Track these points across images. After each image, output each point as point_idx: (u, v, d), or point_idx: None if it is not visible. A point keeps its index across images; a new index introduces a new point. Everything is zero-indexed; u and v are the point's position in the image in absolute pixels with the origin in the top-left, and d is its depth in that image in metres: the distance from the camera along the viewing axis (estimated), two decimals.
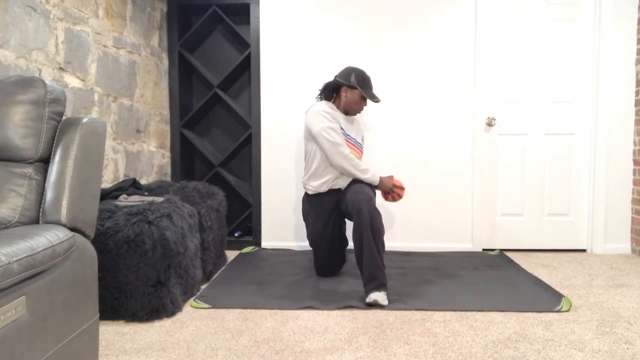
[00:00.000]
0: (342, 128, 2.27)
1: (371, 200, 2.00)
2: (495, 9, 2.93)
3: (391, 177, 2.28)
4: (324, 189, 2.28)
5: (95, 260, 1.23)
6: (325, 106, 2.26)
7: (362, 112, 2.95)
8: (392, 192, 2.26)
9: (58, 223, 1.15)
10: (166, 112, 3.10)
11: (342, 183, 2.29)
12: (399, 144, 2.98)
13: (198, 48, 3.29)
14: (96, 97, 2.25)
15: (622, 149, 2.89)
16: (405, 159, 2.99)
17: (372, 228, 1.94)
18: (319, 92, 2.40)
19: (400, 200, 2.99)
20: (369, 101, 2.92)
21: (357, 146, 2.34)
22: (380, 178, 2.25)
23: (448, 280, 2.27)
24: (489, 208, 3.01)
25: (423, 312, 1.86)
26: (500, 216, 3.01)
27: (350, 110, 2.34)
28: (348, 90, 2.29)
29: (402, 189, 2.28)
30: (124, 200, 1.99)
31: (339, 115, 2.29)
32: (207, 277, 2.26)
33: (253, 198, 3.08)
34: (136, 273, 1.71)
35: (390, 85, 2.97)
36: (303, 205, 2.40)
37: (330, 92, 2.36)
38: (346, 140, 2.27)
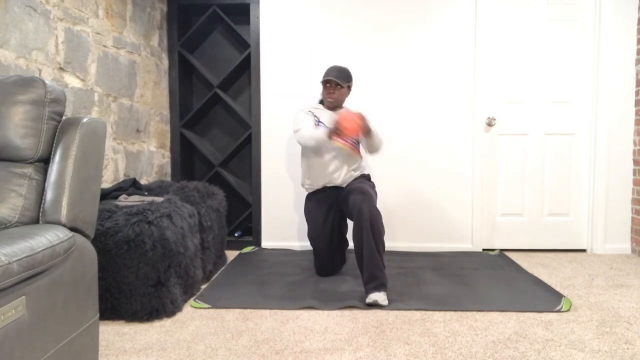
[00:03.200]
0: (321, 122, 2.30)
1: (372, 201, 2.00)
2: (495, 9, 2.93)
3: (334, 121, 2.03)
4: (318, 185, 2.34)
5: (95, 260, 1.23)
6: (304, 105, 2.42)
7: (360, 110, 2.95)
8: (337, 126, 1.99)
9: (58, 223, 1.15)
10: (166, 112, 3.10)
11: (335, 181, 2.30)
12: (399, 143, 2.98)
13: (198, 48, 3.29)
14: (96, 97, 2.25)
15: (622, 149, 2.89)
16: (405, 158, 2.99)
17: (372, 228, 1.95)
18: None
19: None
20: (367, 98, 2.98)
21: (346, 141, 2.32)
22: (328, 130, 2.07)
23: (448, 280, 2.27)
24: (489, 208, 3.01)
25: (423, 312, 1.86)
26: (500, 216, 3.01)
27: (325, 102, 2.39)
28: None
29: (348, 117, 1.97)
30: (124, 200, 1.99)
31: (323, 112, 2.36)
32: (207, 277, 2.26)
33: (253, 198, 3.08)
34: (136, 273, 1.71)
35: (391, 85, 2.97)
36: (305, 204, 2.45)
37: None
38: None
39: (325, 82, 2.32)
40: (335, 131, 2.02)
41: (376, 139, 2.24)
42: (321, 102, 2.46)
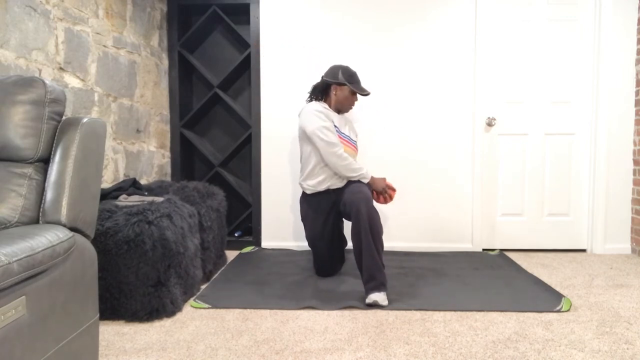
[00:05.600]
0: (335, 126, 2.28)
1: (369, 200, 2.00)
2: (495, 9, 2.93)
3: (384, 179, 2.27)
4: (321, 187, 2.29)
5: (95, 260, 1.23)
6: (319, 106, 2.28)
7: (361, 111, 2.96)
8: (385, 193, 2.24)
9: (58, 223, 1.15)
10: (166, 112, 3.10)
11: (339, 183, 2.29)
12: (399, 143, 2.98)
13: (198, 48, 3.29)
14: (96, 97, 2.25)
15: (622, 149, 2.89)
16: (405, 158, 2.99)
17: (370, 228, 1.94)
18: (309, 94, 2.45)
19: (391, 203, 2.97)
20: (363, 97, 2.95)
21: (352, 143, 2.36)
22: (373, 178, 2.26)
23: (448, 280, 2.27)
24: (489, 208, 3.01)
25: (423, 312, 1.86)
26: (500, 216, 3.01)
27: (342, 108, 2.36)
28: (337, 88, 2.32)
29: (394, 190, 2.28)
30: (124, 200, 1.99)
31: (332, 114, 2.31)
32: (207, 277, 2.26)
33: (253, 198, 3.08)
34: (136, 273, 1.71)
35: (391, 85, 2.97)
36: (301, 205, 2.40)
37: (320, 92, 2.39)
38: (340, 138, 2.28)
39: (356, 93, 2.34)
40: (381, 192, 2.24)
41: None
42: (316, 97, 2.39)
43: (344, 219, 2.49)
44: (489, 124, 2.95)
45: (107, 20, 2.34)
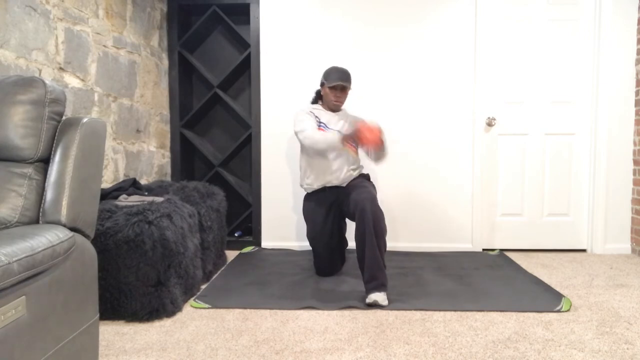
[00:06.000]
0: (323, 122, 2.33)
1: (375, 200, 2.01)
2: (495, 9, 2.93)
3: (353, 128, 2.01)
4: (316, 186, 2.34)
5: (95, 260, 1.23)
6: (305, 106, 2.42)
7: (361, 110, 2.96)
8: (355, 136, 1.97)
9: (58, 223, 1.15)
10: (166, 112, 3.10)
11: (335, 181, 2.30)
12: (399, 144, 2.98)
13: (198, 48, 3.29)
14: (96, 97, 2.25)
15: (622, 149, 2.89)
16: (405, 159, 2.99)
17: (375, 228, 1.95)
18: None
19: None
20: (369, 95, 2.97)
21: None
22: (343, 135, 2.05)
23: (448, 280, 2.27)
24: (489, 208, 3.01)
25: (423, 312, 1.86)
26: (500, 216, 3.01)
27: (329, 105, 2.37)
28: (322, 88, 2.38)
29: (371, 129, 1.94)
30: (124, 200, 1.99)
31: (323, 112, 2.37)
32: (207, 277, 2.26)
33: (253, 198, 3.08)
34: (136, 273, 1.71)
35: (391, 85, 2.96)
36: (304, 204, 2.43)
37: (318, 95, 2.49)
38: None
39: (334, 87, 2.30)
40: (354, 139, 1.99)
41: (385, 150, 2.25)
42: (314, 101, 2.49)
43: (346, 220, 2.49)
44: (489, 124, 2.95)
45: (107, 20, 2.33)
